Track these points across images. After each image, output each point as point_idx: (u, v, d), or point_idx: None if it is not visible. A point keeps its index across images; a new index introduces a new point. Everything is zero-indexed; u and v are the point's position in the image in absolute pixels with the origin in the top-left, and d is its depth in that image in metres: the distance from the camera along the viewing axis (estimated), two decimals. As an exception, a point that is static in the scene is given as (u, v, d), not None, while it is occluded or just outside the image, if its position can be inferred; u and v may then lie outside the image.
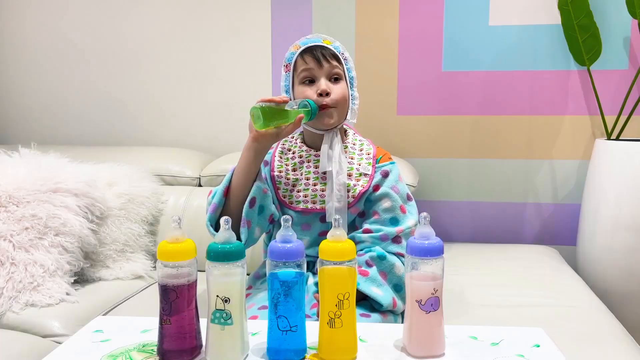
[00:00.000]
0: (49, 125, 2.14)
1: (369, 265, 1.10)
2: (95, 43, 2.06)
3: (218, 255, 0.70)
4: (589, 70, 1.74)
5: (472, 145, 1.90)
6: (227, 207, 1.10)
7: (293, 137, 1.22)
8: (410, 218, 1.15)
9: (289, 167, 1.17)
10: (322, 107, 1.09)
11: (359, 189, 1.13)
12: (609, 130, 1.73)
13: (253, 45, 1.96)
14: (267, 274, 0.74)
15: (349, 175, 1.14)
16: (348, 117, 1.15)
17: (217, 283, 0.71)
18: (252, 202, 1.08)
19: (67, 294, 1.30)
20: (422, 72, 1.88)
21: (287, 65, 1.14)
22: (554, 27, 1.79)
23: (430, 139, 1.91)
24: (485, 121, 1.88)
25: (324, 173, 1.14)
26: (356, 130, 1.25)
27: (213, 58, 2.00)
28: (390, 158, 1.21)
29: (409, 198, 1.18)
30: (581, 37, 1.71)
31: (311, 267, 1.15)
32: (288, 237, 0.71)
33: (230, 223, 0.72)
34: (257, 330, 0.83)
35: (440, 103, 1.89)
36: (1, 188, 1.35)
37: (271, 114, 1.01)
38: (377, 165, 1.17)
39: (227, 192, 1.10)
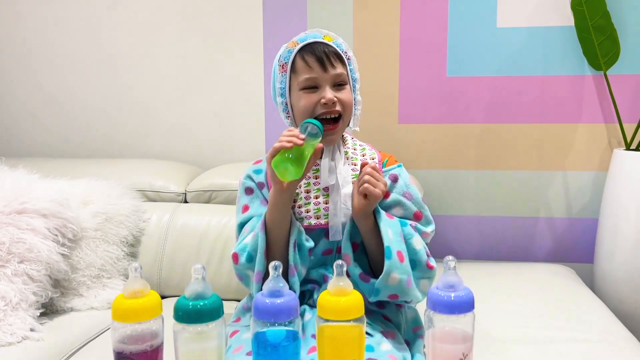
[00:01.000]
0: (20, 137, 2.01)
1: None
2: (70, 45, 1.94)
3: (189, 314, 0.55)
4: (605, 75, 1.64)
5: (479, 155, 1.80)
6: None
7: None
8: (428, 226, 1.03)
9: None
10: (326, 123, 0.99)
11: None
12: (628, 140, 1.65)
13: (244, 50, 1.86)
14: (251, 334, 0.59)
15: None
16: (350, 124, 1.06)
17: (188, 350, 0.56)
18: (295, 246, 0.97)
19: (32, 329, 1.18)
20: (425, 78, 1.79)
21: (283, 65, 1.02)
22: (567, 28, 1.70)
23: (434, 149, 1.81)
24: (493, 130, 1.78)
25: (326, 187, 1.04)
26: (352, 135, 1.15)
27: (200, 64, 1.88)
28: (397, 161, 1.10)
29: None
30: (597, 39, 1.61)
31: (308, 297, 1.02)
32: (278, 288, 0.57)
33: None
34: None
35: (444, 110, 1.79)
36: (-43, 210, 1.22)
37: (297, 159, 0.91)
38: (384, 169, 1.06)
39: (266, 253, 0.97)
